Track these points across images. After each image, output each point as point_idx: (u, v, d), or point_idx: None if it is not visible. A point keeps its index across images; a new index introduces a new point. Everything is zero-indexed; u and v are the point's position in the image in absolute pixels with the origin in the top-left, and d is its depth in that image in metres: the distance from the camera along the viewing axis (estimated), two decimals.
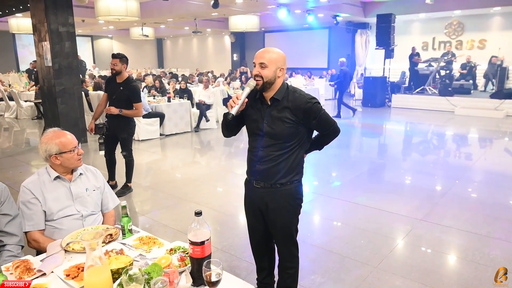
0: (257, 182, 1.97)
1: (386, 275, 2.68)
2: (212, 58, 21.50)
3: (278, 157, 1.88)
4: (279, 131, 1.85)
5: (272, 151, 1.88)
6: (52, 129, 1.95)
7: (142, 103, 4.29)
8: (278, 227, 2.03)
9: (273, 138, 1.87)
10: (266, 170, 1.91)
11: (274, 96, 1.86)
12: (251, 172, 1.99)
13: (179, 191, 4.55)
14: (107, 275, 1.31)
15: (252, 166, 1.96)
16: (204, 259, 1.35)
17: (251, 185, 2.01)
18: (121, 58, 4.12)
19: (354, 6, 12.94)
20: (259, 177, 1.95)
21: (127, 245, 1.69)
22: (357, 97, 13.20)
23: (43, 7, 6.44)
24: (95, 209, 2.02)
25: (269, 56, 1.82)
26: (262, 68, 1.82)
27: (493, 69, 11.46)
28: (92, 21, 13.06)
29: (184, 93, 8.26)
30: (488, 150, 6.68)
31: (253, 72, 1.87)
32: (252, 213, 2.08)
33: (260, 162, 1.92)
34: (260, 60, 1.82)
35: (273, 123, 1.85)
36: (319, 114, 1.87)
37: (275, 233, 2.07)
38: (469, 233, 3.31)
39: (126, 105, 4.13)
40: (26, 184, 1.89)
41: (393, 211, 3.82)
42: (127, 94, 4.11)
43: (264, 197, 1.96)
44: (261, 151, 1.90)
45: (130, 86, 4.14)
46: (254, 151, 1.95)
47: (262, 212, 2.02)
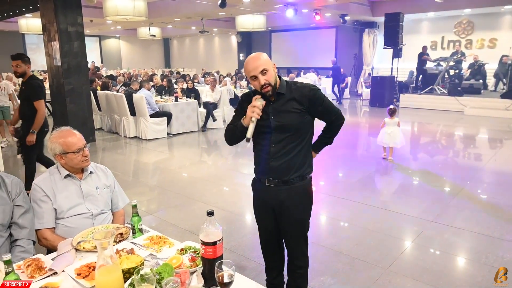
0: (270, 180, 1.93)
1: (397, 277, 2.64)
2: (219, 58, 21.52)
3: (290, 151, 1.88)
4: (288, 122, 1.85)
5: (283, 146, 1.87)
6: (61, 128, 1.95)
7: (42, 101, 3.98)
8: (292, 224, 2.01)
9: (283, 131, 1.86)
10: (281, 166, 1.88)
11: (278, 91, 1.86)
12: (263, 171, 1.95)
13: (186, 190, 4.55)
14: (119, 275, 1.30)
15: (264, 165, 1.92)
16: (216, 260, 1.33)
17: (262, 185, 1.97)
18: (23, 59, 3.97)
19: (362, 5, 12.84)
20: (273, 175, 1.91)
21: (138, 244, 1.68)
22: (365, 97, 13.12)
23: (53, 7, 6.49)
24: (105, 208, 2.02)
25: (263, 60, 1.80)
26: (265, 75, 1.80)
27: (504, 69, 11.27)
28: (100, 21, 13.15)
29: (192, 93, 8.27)
30: (499, 151, 6.58)
31: (257, 84, 1.80)
32: (264, 214, 2.05)
33: (273, 158, 1.89)
34: (259, 68, 1.78)
35: (280, 117, 1.86)
36: (324, 99, 1.93)
37: (288, 230, 2.04)
38: (481, 235, 3.25)
39: (29, 105, 3.93)
40: (38, 182, 1.89)
41: (403, 212, 3.77)
42: (26, 93, 3.97)
43: (280, 195, 1.93)
44: (272, 147, 1.88)
45: (29, 83, 3.97)
46: (264, 149, 1.91)
47: (275, 211, 1.99)
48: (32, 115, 3.95)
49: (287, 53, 18.35)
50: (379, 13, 12.94)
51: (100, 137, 7.74)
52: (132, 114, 7.47)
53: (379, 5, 13.12)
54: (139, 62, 21.92)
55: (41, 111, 3.96)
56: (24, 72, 3.96)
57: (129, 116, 7.48)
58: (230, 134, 1.97)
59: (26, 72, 3.98)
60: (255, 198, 2.07)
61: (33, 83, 3.98)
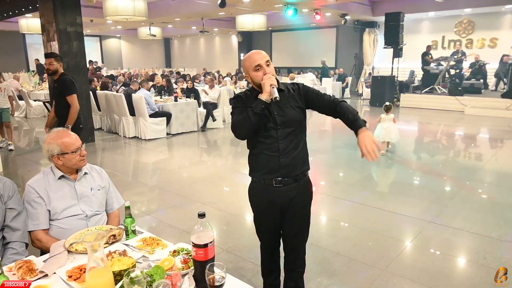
0: (277, 181, 1.89)
1: (394, 278, 2.62)
2: (219, 58, 21.51)
3: (297, 145, 1.91)
4: (291, 116, 1.88)
5: (291, 140, 1.89)
6: (56, 129, 1.94)
7: (75, 95, 4.07)
8: (298, 220, 2.01)
9: (288, 126, 1.87)
10: (291, 161, 1.89)
11: (279, 87, 1.86)
12: (272, 171, 1.88)
13: (185, 190, 4.54)
14: (109, 277, 1.29)
15: (274, 163, 1.87)
16: (207, 262, 1.32)
17: (269, 186, 1.91)
18: (56, 57, 4.08)
19: (362, 5, 12.82)
20: (282, 172, 1.88)
21: (131, 246, 1.67)
22: (365, 97, 13.09)
23: (52, 7, 6.49)
24: (99, 209, 2.01)
25: (266, 54, 1.87)
26: (268, 67, 1.83)
27: (504, 68, 11.24)
28: (101, 21, 13.15)
29: (191, 93, 8.26)
30: (499, 151, 6.55)
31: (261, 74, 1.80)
32: (270, 214, 1.99)
33: (283, 155, 1.87)
34: (265, 59, 1.83)
35: (283, 112, 1.88)
36: (313, 89, 1.98)
37: (293, 228, 2.02)
38: (479, 236, 3.23)
39: (63, 102, 4.02)
40: (31, 183, 1.88)
41: (401, 212, 3.76)
42: (59, 89, 4.06)
43: (289, 193, 1.92)
44: (281, 143, 1.87)
45: (61, 79, 4.06)
46: (271, 147, 1.86)
47: (283, 210, 1.97)
48: (67, 113, 4.04)
49: (288, 52, 18.34)
50: (379, 12, 12.91)
51: (99, 137, 7.74)
52: (131, 114, 7.47)
53: (379, 4, 13.09)
54: (139, 62, 21.94)
55: (75, 105, 4.05)
56: (56, 69, 4.08)
57: (128, 116, 7.48)
58: (244, 122, 1.79)
59: (58, 70, 4.10)
60: (259, 200, 2.00)
61: (65, 78, 4.08)
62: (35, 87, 11.56)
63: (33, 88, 11.47)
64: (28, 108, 10.27)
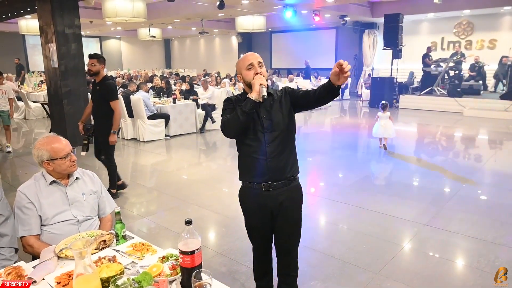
0: (266, 185, 1.91)
1: (387, 282, 2.62)
2: (219, 59, 21.52)
3: (284, 149, 1.92)
4: (278, 120, 1.90)
5: (278, 144, 1.90)
6: (47, 135, 1.95)
7: (118, 101, 4.18)
8: (290, 224, 2.02)
9: (275, 129, 1.89)
10: (278, 165, 1.89)
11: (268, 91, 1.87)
12: (260, 174, 1.90)
13: (182, 193, 4.55)
14: (97, 284, 1.30)
15: (261, 167, 1.89)
16: (194, 269, 1.32)
17: (258, 191, 1.93)
18: (99, 58, 4.10)
19: (361, 6, 12.82)
20: (270, 175, 1.89)
21: (120, 251, 1.67)
22: (364, 98, 13.09)
23: (50, 9, 6.50)
24: (91, 214, 2.01)
25: (259, 56, 1.91)
26: (261, 68, 1.88)
27: (504, 70, 11.23)
28: (100, 22, 13.16)
29: (190, 94, 8.27)
30: (498, 152, 6.55)
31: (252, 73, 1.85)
32: (261, 218, 2.00)
33: (270, 158, 1.88)
34: (258, 59, 1.89)
35: (270, 115, 1.89)
36: (298, 89, 2.05)
37: (285, 232, 2.03)
38: (475, 239, 3.23)
39: (104, 105, 4.08)
40: (22, 189, 1.89)
41: (397, 215, 3.76)
42: (102, 93, 4.09)
43: (278, 197, 1.93)
44: (268, 147, 1.88)
45: (105, 84, 4.10)
46: (259, 151, 1.88)
47: (273, 213, 1.98)
48: (105, 115, 4.10)
49: (287, 53, 18.34)
50: (378, 14, 12.91)
51: None
52: (129, 116, 7.48)
53: (378, 6, 13.09)
54: (139, 63, 21.96)
55: (118, 110, 4.12)
56: (98, 71, 4.09)
57: (126, 118, 7.49)
58: (233, 121, 1.81)
59: (100, 72, 4.11)
60: (249, 204, 2.02)
61: (109, 83, 4.11)
62: (34, 88, 11.58)
63: (32, 89, 11.49)
64: (27, 109, 10.28)
